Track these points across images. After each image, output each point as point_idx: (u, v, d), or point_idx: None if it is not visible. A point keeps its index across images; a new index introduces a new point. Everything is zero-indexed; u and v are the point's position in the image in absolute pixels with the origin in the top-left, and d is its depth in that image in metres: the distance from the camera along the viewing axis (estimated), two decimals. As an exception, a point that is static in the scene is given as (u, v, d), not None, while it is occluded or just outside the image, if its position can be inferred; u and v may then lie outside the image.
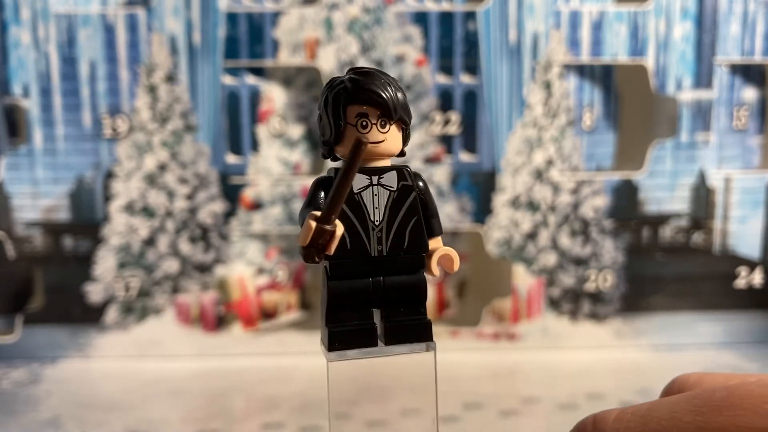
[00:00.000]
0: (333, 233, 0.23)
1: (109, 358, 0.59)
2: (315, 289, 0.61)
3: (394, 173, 0.25)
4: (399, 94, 0.25)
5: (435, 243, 0.26)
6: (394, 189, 0.25)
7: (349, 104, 0.25)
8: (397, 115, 0.25)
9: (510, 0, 0.58)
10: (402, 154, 0.27)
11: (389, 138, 0.25)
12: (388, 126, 0.25)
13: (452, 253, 0.26)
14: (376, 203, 0.25)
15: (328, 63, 0.58)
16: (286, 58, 0.58)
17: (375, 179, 0.25)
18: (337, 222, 0.23)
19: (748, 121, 0.60)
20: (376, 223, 0.25)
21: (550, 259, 0.60)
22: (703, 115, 0.60)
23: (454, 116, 0.59)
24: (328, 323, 0.25)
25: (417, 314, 0.25)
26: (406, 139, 0.26)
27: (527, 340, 0.61)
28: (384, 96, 0.25)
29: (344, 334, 0.25)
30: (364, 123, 0.25)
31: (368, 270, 0.25)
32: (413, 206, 0.25)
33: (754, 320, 0.62)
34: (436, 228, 0.26)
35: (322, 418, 0.45)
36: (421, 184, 0.26)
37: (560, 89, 0.59)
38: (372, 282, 0.25)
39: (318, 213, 0.23)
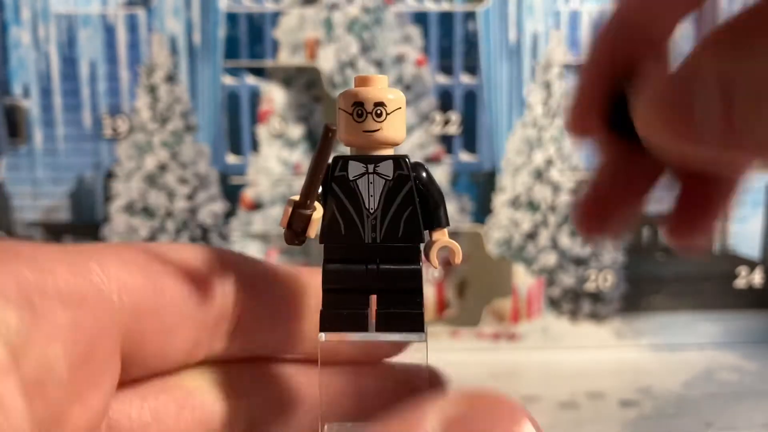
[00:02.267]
0: (310, 217, 0.24)
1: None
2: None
3: (390, 162, 0.25)
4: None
5: (439, 235, 0.26)
6: (390, 178, 0.25)
7: (349, 93, 0.25)
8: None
9: (510, 0, 0.58)
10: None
11: (385, 127, 0.25)
12: (384, 115, 0.25)
13: (453, 245, 0.26)
14: (372, 191, 0.25)
15: (328, 63, 0.58)
16: (286, 58, 0.58)
17: (371, 167, 0.25)
18: (317, 206, 0.24)
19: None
20: (371, 211, 0.25)
21: (550, 259, 0.60)
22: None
23: (454, 116, 0.59)
24: (322, 306, 0.25)
25: (410, 304, 0.25)
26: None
27: (527, 340, 0.61)
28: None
29: (336, 316, 0.25)
30: (360, 112, 0.25)
31: (362, 256, 0.25)
32: (409, 196, 0.25)
33: (754, 320, 0.62)
34: (439, 219, 0.26)
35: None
36: (423, 174, 0.26)
37: (560, 89, 0.59)
38: (366, 268, 0.25)
39: (297, 197, 0.24)
